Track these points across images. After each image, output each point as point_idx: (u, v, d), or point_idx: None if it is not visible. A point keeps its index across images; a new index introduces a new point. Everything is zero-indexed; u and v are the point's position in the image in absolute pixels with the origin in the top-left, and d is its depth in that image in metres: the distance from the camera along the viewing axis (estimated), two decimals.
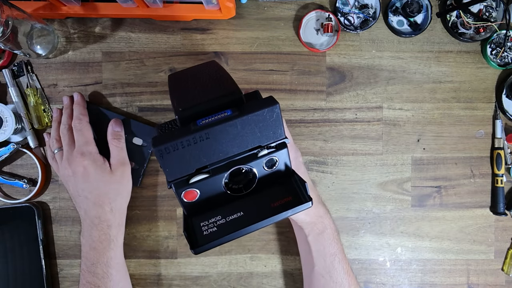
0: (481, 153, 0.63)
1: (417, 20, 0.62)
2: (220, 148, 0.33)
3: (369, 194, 0.63)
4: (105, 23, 0.61)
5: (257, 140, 0.35)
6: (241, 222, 0.35)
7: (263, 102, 0.34)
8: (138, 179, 0.60)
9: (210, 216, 0.36)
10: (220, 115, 0.33)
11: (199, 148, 0.32)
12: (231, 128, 0.33)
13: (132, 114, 0.61)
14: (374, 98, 0.62)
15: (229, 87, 0.36)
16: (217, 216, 0.36)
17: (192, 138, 0.31)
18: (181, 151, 0.32)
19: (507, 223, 0.63)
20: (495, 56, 0.61)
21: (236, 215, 0.36)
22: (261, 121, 0.33)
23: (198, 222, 0.35)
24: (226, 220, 0.35)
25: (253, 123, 0.33)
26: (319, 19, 0.61)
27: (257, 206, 0.37)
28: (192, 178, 0.34)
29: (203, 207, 0.36)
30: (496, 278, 0.64)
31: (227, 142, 0.33)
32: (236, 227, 0.34)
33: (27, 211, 0.59)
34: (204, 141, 0.32)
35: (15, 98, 0.59)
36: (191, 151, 0.32)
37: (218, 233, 0.34)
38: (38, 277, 0.59)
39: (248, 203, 0.37)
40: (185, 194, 0.34)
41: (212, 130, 0.32)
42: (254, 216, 0.35)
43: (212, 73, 0.41)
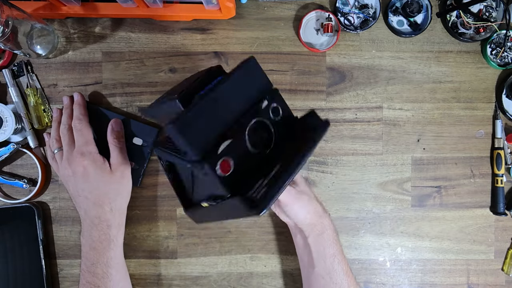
0: (481, 153, 0.63)
1: (417, 20, 0.62)
2: (228, 109, 0.35)
3: (369, 194, 0.63)
4: (105, 23, 0.61)
5: (254, 94, 0.38)
6: (284, 171, 0.35)
7: (243, 61, 0.38)
8: (138, 179, 0.60)
9: (253, 183, 0.35)
10: (215, 82, 0.36)
11: (211, 114, 0.33)
12: (230, 86, 0.35)
13: (132, 114, 0.61)
14: (374, 98, 0.62)
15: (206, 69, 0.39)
16: (259, 180, 0.35)
17: (202, 105, 0.33)
18: (198, 122, 0.32)
19: (507, 223, 0.63)
20: (495, 56, 0.61)
21: (276, 169, 0.36)
22: (248, 75, 0.37)
23: (245, 193, 0.34)
24: (269, 178, 0.35)
25: (242, 78, 0.36)
26: (319, 19, 0.61)
27: (288, 152, 0.38)
28: (219, 147, 0.34)
29: (240, 178, 0.35)
30: (496, 278, 0.64)
31: (232, 102, 0.35)
32: (283, 177, 0.34)
33: (27, 211, 0.59)
34: (214, 106, 0.34)
35: (15, 98, 0.59)
36: (206, 121, 0.33)
37: (271, 190, 0.34)
38: (38, 277, 0.59)
39: (278, 155, 0.38)
40: (220, 166, 0.34)
41: (216, 93, 0.34)
42: (292, 161, 0.36)
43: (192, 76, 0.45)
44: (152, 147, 0.32)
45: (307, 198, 0.52)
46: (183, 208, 0.48)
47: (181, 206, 0.48)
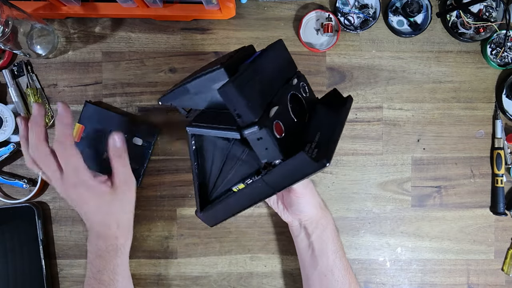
0: (481, 153, 0.63)
1: (417, 20, 0.62)
2: (270, 81, 0.37)
3: (369, 194, 0.63)
4: (105, 23, 0.61)
5: (286, 73, 0.41)
6: (328, 134, 0.38)
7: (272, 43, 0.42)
8: (138, 179, 0.60)
9: (302, 146, 0.37)
10: (254, 56, 0.38)
11: (259, 81, 0.35)
12: (267, 61, 0.38)
13: (132, 114, 0.61)
14: (374, 98, 0.62)
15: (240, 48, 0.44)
16: (307, 145, 0.37)
17: (251, 71, 0.35)
18: (249, 86, 0.34)
19: (507, 223, 0.63)
20: (495, 56, 0.61)
21: (318, 136, 0.38)
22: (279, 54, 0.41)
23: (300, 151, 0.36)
24: (315, 142, 0.38)
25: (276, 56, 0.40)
26: (319, 19, 0.61)
27: (323, 123, 0.40)
28: (270, 112, 0.36)
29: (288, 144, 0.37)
30: (496, 278, 0.64)
31: (271, 75, 0.38)
32: (329, 138, 0.37)
33: (27, 211, 0.59)
34: (259, 74, 0.36)
35: (15, 98, 0.59)
36: (256, 86, 0.35)
37: (324, 150, 0.36)
38: (38, 277, 0.59)
39: (314, 126, 0.41)
40: (276, 128, 0.35)
41: (259, 64, 0.36)
42: (330, 127, 0.38)
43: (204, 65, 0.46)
44: (228, 84, 0.32)
45: (312, 192, 0.53)
46: (197, 209, 0.46)
47: (195, 206, 0.46)
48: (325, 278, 0.52)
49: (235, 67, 0.36)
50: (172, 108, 0.61)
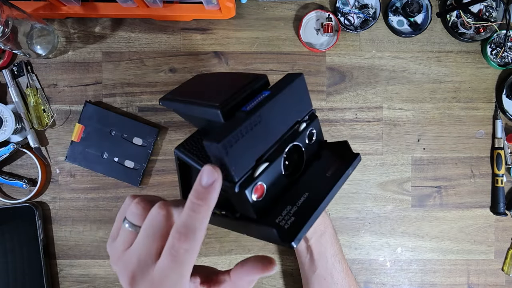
0: (481, 153, 0.63)
1: (417, 20, 0.62)
2: (270, 130, 0.33)
3: (369, 194, 0.63)
4: (105, 23, 0.61)
5: (295, 115, 0.36)
6: (312, 201, 0.34)
7: (289, 77, 0.35)
8: (138, 179, 0.60)
9: (281, 210, 0.34)
10: (261, 97, 0.33)
11: (254, 135, 0.32)
12: (275, 106, 0.33)
13: (132, 114, 0.61)
14: (374, 98, 0.62)
15: (249, 75, 0.37)
16: (287, 206, 0.34)
17: (248, 124, 0.31)
18: (241, 142, 0.31)
19: (507, 223, 0.63)
20: (495, 56, 0.61)
21: (304, 197, 0.35)
22: (295, 94, 0.35)
23: (273, 220, 0.33)
24: (297, 206, 0.34)
25: (289, 98, 0.34)
26: (319, 19, 0.61)
27: (316, 181, 0.36)
28: (256, 170, 0.32)
29: (267, 204, 0.34)
30: (496, 278, 0.64)
31: (274, 122, 0.34)
32: (311, 208, 0.33)
33: (27, 211, 0.59)
34: (257, 125, 0.32)
35: (15, 98, 0.59)
36: (248, 140, 0.31)
37: (299, 221, 0.33)
38: (38, 277, 0.59)
39: (306, 182, 0.37)
40: (255, 191, 0.32)
41: (262, 112, 0.32)
42: (320, 191, 0.35)
43: (215, 77, 0.41)
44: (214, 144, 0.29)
45: None
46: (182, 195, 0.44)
47: None
48: (325, 281, 0.52)
49: (234, 108, 0.33)
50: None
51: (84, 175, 0.61)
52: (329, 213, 0.63)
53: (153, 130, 0.60)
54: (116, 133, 0.60)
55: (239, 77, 0.38)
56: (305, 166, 0.38)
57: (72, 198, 0.61)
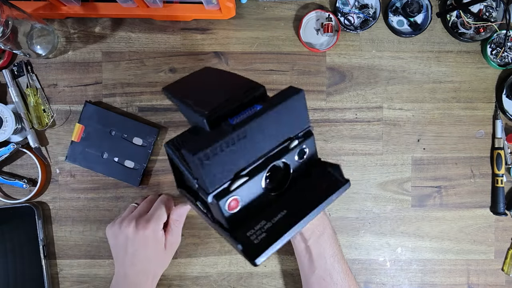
0: (481, 153, 0.63)
1: (417, 20, 0.62)
2: (256, 146, 0.32)
3: (369, 194, 0.63)
4: (105, 23, 0.61)
5: (288, 131, 0.34)
6: (288, 220, 0.33)
7: (287, 91, 0.33)
8: (138, 179, 0.60)
9: (254, 224, 0.33)
10: (251, 111, 0.31)
11: (237, 149, 0.30)
12: (265, 121, 0.31)
13: (132, 114, 0.61)
14: (374, 98, 0.62)
15: (248, 83, 0.35)
16: (262, 222, 0.33)
17: (231, 138, 0.29)
18: (220, 155, 0.29)
19: (507, 223, 0.63)
20: (495, 56, 0.61)
21: (281, 215, 0.34)
22: (290, 111, 0.33)
23: (244, 233, 0.33)
24: (272, 223, 0.33)
25: (283, 114, 0.32)
26: (319, 19, 0.61)
27: (297, 200, 0.35)
28: (232, 184, 0.32)
29: (243, 216, 0.34)
30: (496, 278, 0.64)
31: (261, 138, 0.32)
32: (285, 228, 0.32)
33: (27, 211, 0.59)
34: (241, 140, 0.30)
35: (15, 98, 0.59)
36: (229, 154, 0.30)
37: (269, 239, 0.32)
38: (38, 277, 0.59)
39: (288, 199, 0.35)
40: (228, 204, 0.32)
41: (248, 127, 0.30)
42: (299, 211, 0.33)
43: (218, 76, 0.39)
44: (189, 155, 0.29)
45: None
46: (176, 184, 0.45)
47: None
48: (324, 282, 0.52)
49: (222, 118, 0.31)
50: (172, 108, 0.61)
51: (84, 175, 0.61)
52: (329, 213, 0.63)
53: (153, 130, 0.60)
54: (116, 133, 0.60)
55: (239, 82, 0.36)
56: (292, 183, 0.36)
57: (72, 198, 0.61)
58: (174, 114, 0.62)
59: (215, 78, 0.40)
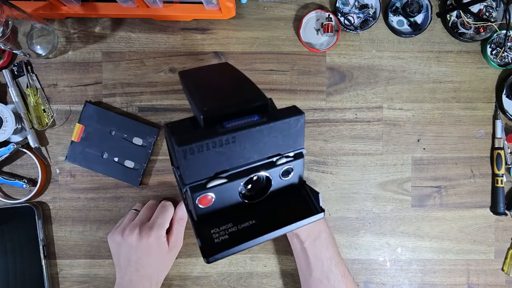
0: (481, 153, 0.63)
1: (417, 20, 0.62)
2: (242, 153, 0.32)
3: (369, 194, 0.63)
4: (105, 23, 0.61)
5: (279, 148, 0.34)
6: (253, 231, 0.34)
7: (289, 110, 0.33)
8: (138, 179, 0.60)
9: (221, 223, 0.34)
10: (248, 119, 0.32)
11: (223, 151, 0.31)
12: (257, 133, 0.32)
13: (132, 114, 0.61)
14: (374, 98, 0.62)
15: (255, 92, 0.35)
16: (229, 224, 0.34)
17: (219, 140, 0.30)
18: (205, 153, 0.30)
19: (507, 223, 0.63)
20: (495, 56, 0.61)
21: (248, 223, 0.34)
22: (286, 129, 0.33)
23: (209, 229, 0.34)
24: (237, 228, 0.34)
25: (278, 131, 0.33)
26: (319, 19, 0.61)
27: (269, 215, 0.35)
28: (210, 182, 0.32)
29: (214, 213, 0.35)
30: (496, 278, 0.64)
31: (250, 148, 0.32)
32: (248, 236, 0.33)
33: (27, 211, 0.59)
34: (229, 144, 0.31)
35: (15, 98, 0.59)
36: (215, 154, 0.31)
37: (230, 242, 0.33)
38: (38, 277, 0.59)
39: (260, 211, 0.36)
40: (200, 199, 0.33)
41: (239, 134, 0.31)
42: (266, 226, 0.34)
43: (232, 75, 0.40)
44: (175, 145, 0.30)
45: None
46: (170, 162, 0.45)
47: None
48: (321, 284, 0.52)
49: (220, 119, 0.32)
50: (172, 108, 0.61)
51: (84, 175, 0.61)
52: (329, 213, 0.63)
53: (153, 130, 0.60)
54: (116, 133, 0.60)
55: (247, 89, 0.37)
56: (269, 196, 0.37)
57: (72, 198, 0.61)
58: (174, 114, 0.62)
59: (229, 77, 0.40)
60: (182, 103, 0.62)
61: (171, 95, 0.61)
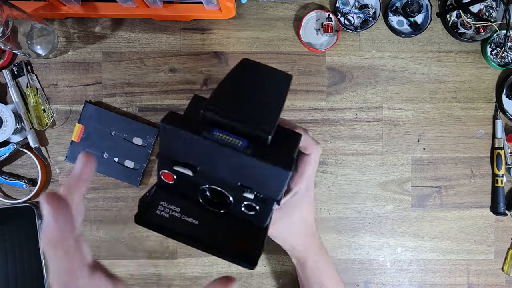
0: (481, 153, 0.63)
1: (417, 20, 0.62)
2: (216, 164, 0.31)
3: (369, 194, 0.63)
4: (105, 23, 0.61)
5: (253, 183, 0.31)
6: (188, 229, 0.33)
7: (278, 159, 0.30)
8: (138, 179, 0.60)
9: (173, 202, 0.34)
10: (234, 140, 0.30)
11: (199, 152, 0.31)
12: (235, 158, 0.30)
13: (132, 114, 0.61)
14: (374, 98, 0.62)
15: (267, 119, 0.32)
16: (178, 208, 0.34)
17: (197, 140, 0.30)
18: (182, 142, 0.30)
19: (507, 223, 0.63)
20: (495, 56, 0.61)
21: (191, 220, 0.34)
22: (266, 174, 0.30)
23: (159, 200, 0.34)
24: (180, 216, 0.34)
25: (256, 169, 0.30)
26: (319, 19, 0.61)
27: (212, 229, 0.34)
28: (176, 166, 0.32)
29: (174, 191, 0.34)
30: (496, 278, 0.64)
31: (224, 165, 0.31)
32: (181, 230, 0.32)
33: (27, 211, 0.59)
34: (207, 149, 0.30)
35: (15, 98, 0.59)
36: (190, 149, 0.31)
37: (165, 222, 0.33)
38: (38, 277, 0.59)
39: (208, 220, 0.34)
40: (164, 174, 0.33)
41: (217, 147, 0.29)
42: (202, 235, 0.33)
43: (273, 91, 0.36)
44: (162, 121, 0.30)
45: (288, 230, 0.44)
46: None
47: None
48: None
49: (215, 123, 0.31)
50: (172, 108, 0.61)
51: None
52: (329, 213, 0.63)
53: (153, 130, 0.60)
54: (116, 133, 0.60)
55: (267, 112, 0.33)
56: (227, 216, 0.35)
57: None
58: None
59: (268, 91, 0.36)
60: (182, 103, 0.62)
61: (171, 95, 0.61)
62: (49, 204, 0.23)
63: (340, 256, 0.63)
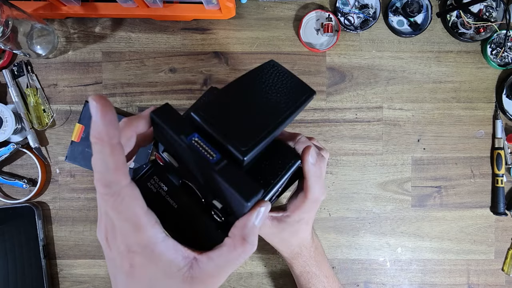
0: (481, 153, 0.63)
1: (417, 20, 0.62)
2: (190, 167, 0.30)
3: (369, 194, 0.63)
4: (105, 23, 0.61)
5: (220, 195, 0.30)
6: (165, 210, 0.33)
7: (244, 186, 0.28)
8: None
9: (163, 181, 0.35)
10: (208, 151, 0.28)
11: (178, 149, 0.30)
12: (203, 168, 0.29)
13: (132, 114, 0.61)
14: (374, 98, 0.62)
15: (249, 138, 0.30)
16: (165, 187, 0.34)
17: (175, 140, 0.29)
18: (166, 135, 0.30)
19: (507, 223, 0.63)
20: (495, 56, 0.61)
21: (172, 202, 0.34)
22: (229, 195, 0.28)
23: (154, 173, 0.35)
24: (165, 196, 0.34)
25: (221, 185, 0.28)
26: (319, 19, 0.61)
27: (186, 218, 0.34)
28: (166, 154, 0.32)
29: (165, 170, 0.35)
30: (496, 278, 0.64)
31: (197, 170, 0.30)
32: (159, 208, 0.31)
33: (27, 211, 0.59)
34: (184, 151, 0.29)
35: (15, 98, 0.59)
36: (172, 144, 0.30)
37: (150, 195, 0.34)
38: (38, 277, 0.59)
39: (186, 208, 0.34)
40: (157, 155, 0.34)
41: (191, 153, 0.28)
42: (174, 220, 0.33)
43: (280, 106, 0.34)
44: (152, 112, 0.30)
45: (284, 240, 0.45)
46: None
47: None
48: None
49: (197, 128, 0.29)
50: None
51: (84, 175, 0.61)
52: (329, 213, 0.63)
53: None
54: None
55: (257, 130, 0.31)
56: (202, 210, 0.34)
57: (72, 198, 0.61)
58: None
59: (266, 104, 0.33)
60: (182, 103, 0.62)
61: (171, 95, 0.61)
62: (97, 102, 0.24)
63: (340, 256, 0.63)
